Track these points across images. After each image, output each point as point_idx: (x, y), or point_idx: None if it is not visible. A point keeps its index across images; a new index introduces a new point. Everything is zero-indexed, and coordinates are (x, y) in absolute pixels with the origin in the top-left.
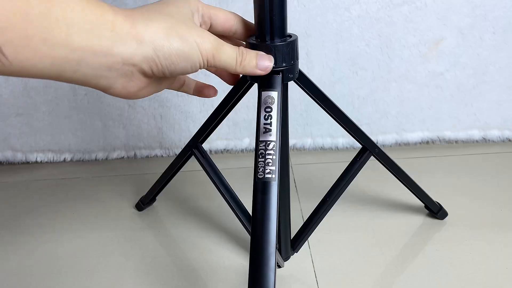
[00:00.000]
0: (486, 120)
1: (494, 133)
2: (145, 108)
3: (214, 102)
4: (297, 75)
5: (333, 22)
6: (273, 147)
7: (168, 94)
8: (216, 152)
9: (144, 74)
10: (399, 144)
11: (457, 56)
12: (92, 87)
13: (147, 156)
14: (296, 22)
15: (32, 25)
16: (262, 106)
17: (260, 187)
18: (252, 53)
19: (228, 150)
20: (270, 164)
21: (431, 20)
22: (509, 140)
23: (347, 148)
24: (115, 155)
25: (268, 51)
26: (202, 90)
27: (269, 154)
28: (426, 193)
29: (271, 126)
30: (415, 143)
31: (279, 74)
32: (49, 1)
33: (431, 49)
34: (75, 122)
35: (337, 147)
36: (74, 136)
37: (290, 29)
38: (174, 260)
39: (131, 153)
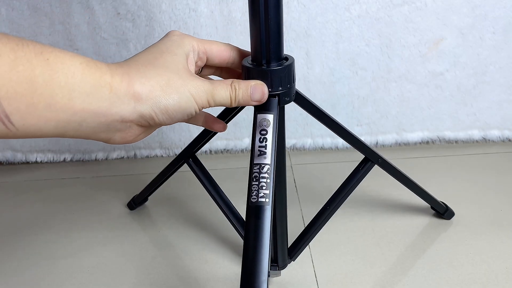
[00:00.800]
0: (486, 120)
1: (494, 133)
2: None
3: None
4: (293, 98)
5: (333, 22)
6: (267, 170)
7: None
8: (216, 152)
9: (141, 126)
10: (399, 144)
11: (457, 56)
12: (93, 140)
13: (147, 156)
14: (296, 22)
15: (37, 93)
16: (257, 128)
17: (253, 212)
18: (244, 87)
19: (228, 150)
20: (264, 187)
21: (431, 20)
22: (509, 140)
23: (347, 148)
24: (115, 155)
25: (264, 76)
26: (212, 125)
27: (263, 177)
28: (431, 195)
29: (266, 149)
30: (415, 143)
31: (276, 98)
32: (51, 68)
33: (431, 49)
34: None
35: (337, 147)
36: None
37: (290, 29)
38: (173, 260)
39: (131, 153)
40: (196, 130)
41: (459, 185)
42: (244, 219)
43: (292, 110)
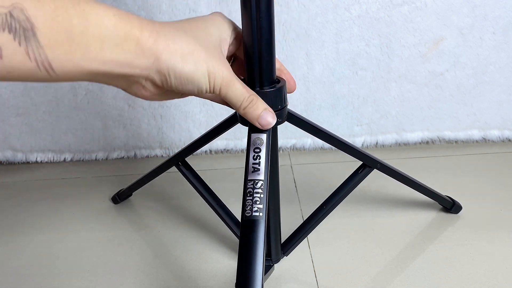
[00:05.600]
0: (486, 120)
1: (494, 133)
2: (145, 108)
3: (214, 103)
4: (285, 118)
5: (333, 22)
6: (261, 185)
7: None
8: (216, 152)
9: (155, 85)
10: (399, 144)
11: (457, 56)
12: (113, 86)
13: (147, 156)
14: (296, 22)
15: (74, 42)
16: (251, 147)
17: (247, 225)
18: (259, 106)
19: (228, 150)
20: (258, 202)
21: (431, 20)
22: (509, 140)
23: None
24: (115, 155)
25: None
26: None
27: (257, 192)
28: (435, 192)
29: (259, 165)
30: (415, 143)
31: None
32: (87, 19)
33: (431, 49)
34: (75, 122)
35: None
36: (74, 136)
37: (290, 29)
38: (173, 260)
39: (131, 153)
40: (196, 131)
41: (459, 185)
42: (239, 218)
43: (292, 109)
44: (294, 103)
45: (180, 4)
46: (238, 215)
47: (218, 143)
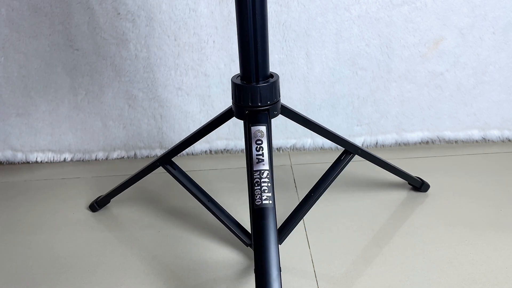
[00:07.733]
0: (486, 120)
1: (494, 133)
2: (145, 108)
3: (214, 103)
4: (280, 111)
5: (333, 22)
6: (267, 175)
7: (168, 94)
8: (216, 152)
9: None
10: (399, 144)
11: (457, 56)
12: None
13: (147, 156)
14: (296, 22)
15: None
16: (252, 139)
17: (259, 214)
18: None
19: (228, 150)
20: (266, 191)
21: (431, 20)
22: (509, 140)
23: None
24: (115, 155)
25: (254, 92)
26: None
27: (264, 182)
28: (407, 173)
29: (263, 156)
30: (415, 143)
31: (266, 112)
32: None
33: (431, 48)
34: (75, 122)
35: (336, 147)
36: (74, 136)
37: (290, 29)
38: (173, 260)
39: (131, 153)
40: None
41: (459, 185)
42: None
43: None
44: (294, 103)
45: (180, 4)
46: (240, 215)
47: (218, 143)
